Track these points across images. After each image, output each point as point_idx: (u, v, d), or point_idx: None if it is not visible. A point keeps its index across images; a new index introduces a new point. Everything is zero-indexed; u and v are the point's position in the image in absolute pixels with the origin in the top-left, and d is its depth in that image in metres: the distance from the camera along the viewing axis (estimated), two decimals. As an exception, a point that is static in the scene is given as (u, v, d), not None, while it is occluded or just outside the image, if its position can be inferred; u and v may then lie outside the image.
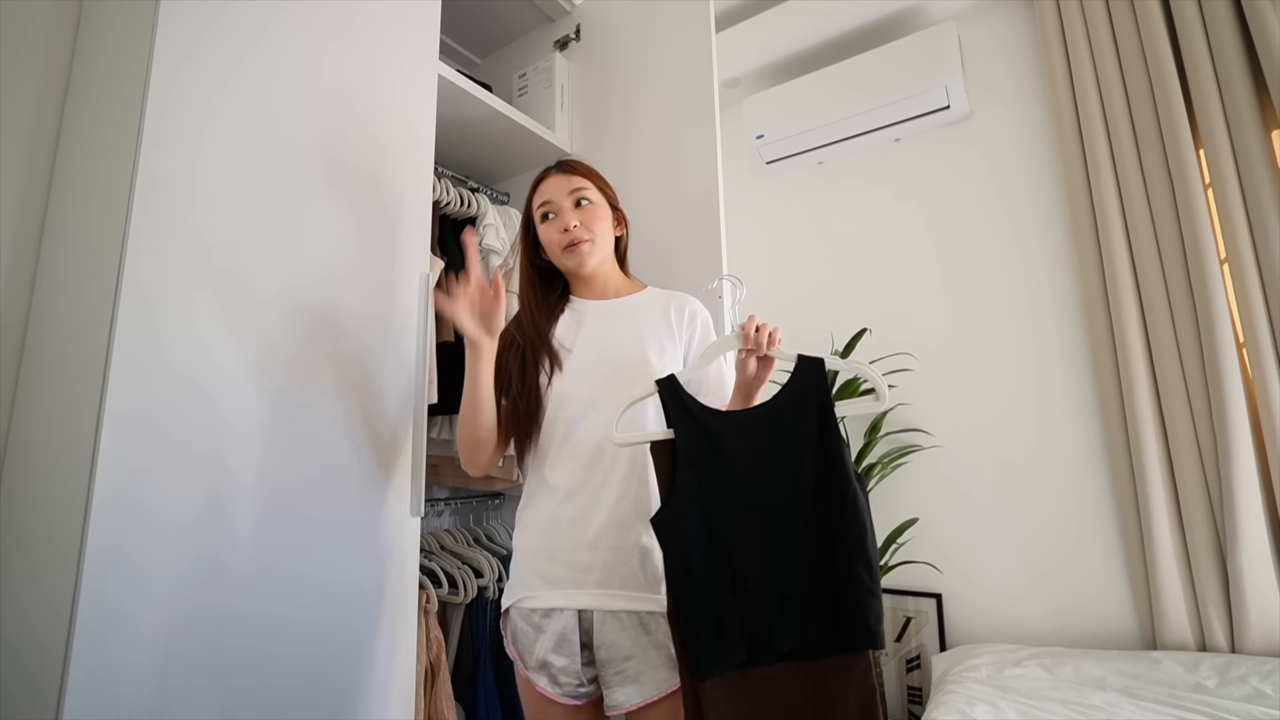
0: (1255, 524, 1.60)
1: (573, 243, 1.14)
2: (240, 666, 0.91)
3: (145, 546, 0.84)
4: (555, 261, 1.19)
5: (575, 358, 1.13)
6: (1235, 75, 1.71)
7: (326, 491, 1.05)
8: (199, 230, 0.94)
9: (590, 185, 1.18)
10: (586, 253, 1.15)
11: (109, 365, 0.83)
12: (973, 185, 2.24)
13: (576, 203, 1.15)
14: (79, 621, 0.77)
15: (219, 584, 0.90)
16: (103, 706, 0.78)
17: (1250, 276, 1.66)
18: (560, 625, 1.03)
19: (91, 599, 0.78)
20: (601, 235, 1.17)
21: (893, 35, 2.41)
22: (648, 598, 1.03)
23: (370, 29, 1.23)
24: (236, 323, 0.97)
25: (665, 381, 1.00)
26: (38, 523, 0.88)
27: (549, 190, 1.17)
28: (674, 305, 1.19)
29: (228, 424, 0.94)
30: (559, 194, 1.16)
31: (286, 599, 0.97)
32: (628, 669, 1.01)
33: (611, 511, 1.05)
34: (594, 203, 1.17)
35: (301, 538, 1.00)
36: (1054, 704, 1.39)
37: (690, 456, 0.96)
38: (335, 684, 1.01)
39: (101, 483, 0.81)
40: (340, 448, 1.08)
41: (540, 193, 1.18)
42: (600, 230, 1.16)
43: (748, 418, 1.00)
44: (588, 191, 1.17)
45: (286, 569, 0.97)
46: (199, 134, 0.96)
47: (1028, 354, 2.07)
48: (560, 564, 1.05)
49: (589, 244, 1.14)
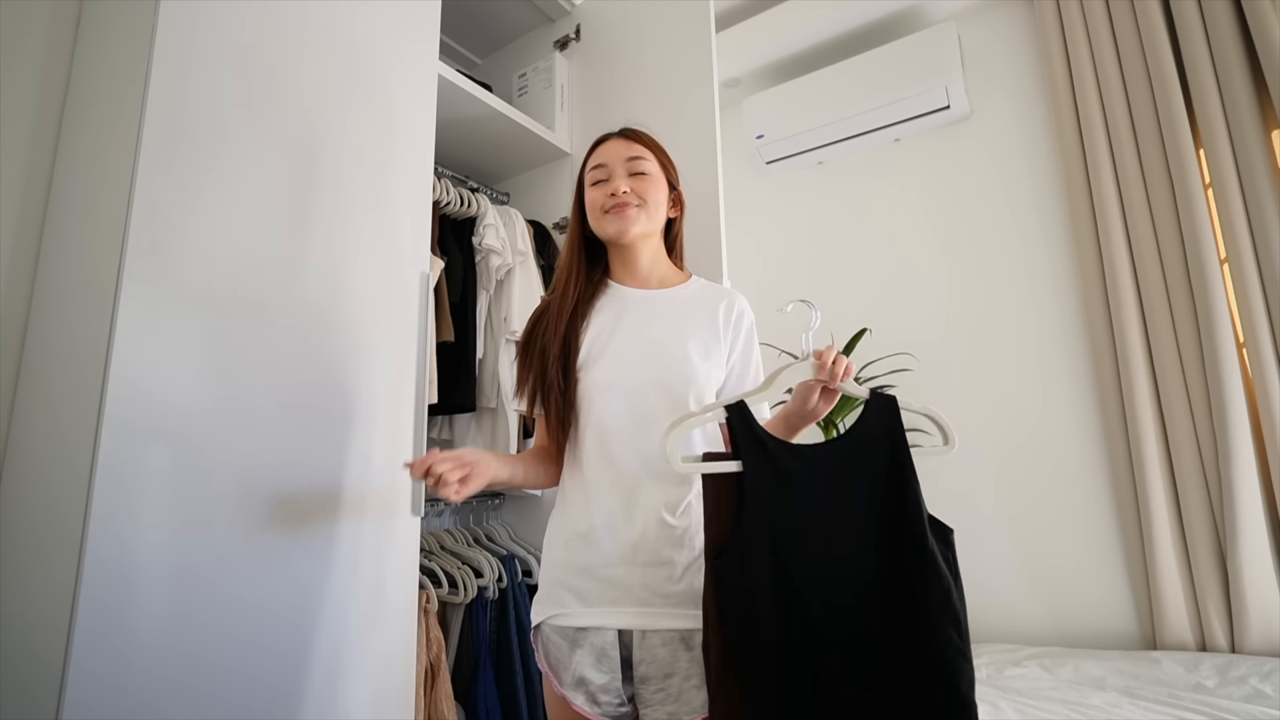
0: (1255, 524, 1.60)
1: (618, 205, 1.02)
2: (240, 666, 0.90)
3: (145, 546, 0.84)
4: (595, 228, 1.06)
5: (612, 352, 1.02)
6: (1235, 75, 1.71)
7: (326, 490, 1.05)
8: (199, 230, 0.94)
9: (651, 157, 1.06)
10: (631, 217, 1.02)
11: (109, 366, 0.83)
12: (973, 185, 2.24)
13: (632, 171, 1.04)
14: (79, 621, 0.77)
15: (219, 584, 0.90)
16: (102, 706, 0.78)
17: (1250, 276, 1.66)
18: (600, 642, 0.95)
19: (91, 599, 0.78)
20: (653, 206, 1.05)
21: (893, 35, 2.41)
22: (691, 614, 0.93)
23: (370, 29, 1.23)
24: (237, 322, 0.97)
25: (736, 408, 0.89)
26: (38, 523, 0.88)
27: (605, 153, 1.07)
28: (723, 304, 1.09)
29: (227, 424, 0.94)
30: (615, 159, 1.05)
31: (287, 598, 0.97)
32: (669, 686, 0.93)
33: (649, 524, 0.96)
34: (650, 175, 1.05)
35: (302, 537, 1.00)
36: (1054, 704, 1.39)
37: (763, 497, 0.84)
38: (335, 683, 1.01)
39: (101, 483, 0.81)
40: (340, 447, 1.07)
41: (595, 156, 1.08)
42: (653, 200, 1.04)
43: (823, 455, 0.88)
44: (647, 162, 1.05)
45: (287, 568, 0.97)
46: (199, 134, 0.96)
47: (1027, 354, 2.07)
48: (594, 579, 0.96)
49: (636, 209, 1.02)
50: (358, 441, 1.10)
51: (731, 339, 1.08)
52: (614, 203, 1.02)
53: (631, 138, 1.08)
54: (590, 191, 1.06)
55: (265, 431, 0.98)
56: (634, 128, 1.11)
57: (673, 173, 1.11)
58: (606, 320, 1.05)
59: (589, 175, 1.08)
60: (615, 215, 1.02)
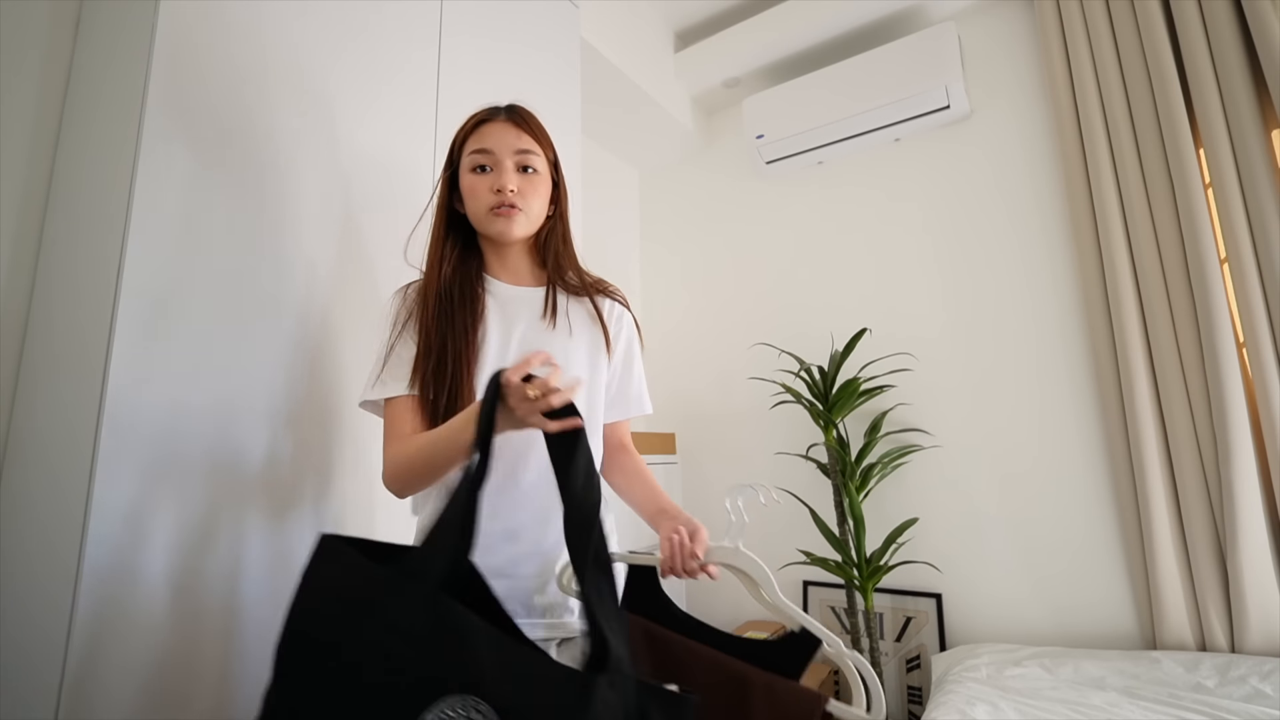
0: (1255, 524, 1.60)
1: (504, 205, 0.94)
2: (239, 666, 0.91)
3: (144, 547, 0.84)
4: (474, 221, 0.97)
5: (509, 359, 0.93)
6: (1235, 75, 1.71)
7: (326, 487, 1.05)
8: (199, 230, 0.94)
9: (540, 152, 0.97)
10: (517, 222, 0.95)
11: (109, 366, 0.83)
12: (973, 185, 2.24)
13: (521, 167, 0.96)
14: (78, 621, 0.77)
15: (218, 583, 0.90)
16: (102, 706, 0.78)
17: (1250, 276, 1.66)
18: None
19: (91, 599, 0.78)
20: (536, 212, 0.98)
21: (893, 35, 2.41)
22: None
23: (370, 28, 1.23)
24: (237, 322, 0.97)
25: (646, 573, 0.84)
26: (38, 523, 0.88)
27: (491, 138, 0.96)
28: (606, 306, 1.03)
29: (227, 423, 0.94)
30: (503, 148, 0.95)
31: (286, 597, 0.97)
32: None
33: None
34: (539, 173, 0.97)
35: (301, 536, 1.00)
36: (1054, 704, 1.39)
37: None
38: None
39: (101, 483, 0.81)
40: (342, 445, 1.07)
41: (479, 138, 0.96)
42: (537, 207, 0.97)
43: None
44: (535, 159, 0.96)
45: (287, 567, 0.97)
46: (199, 134, 0.96)
47: (1028, 353, 2.07)
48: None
49: (521, 215, 0.95)
50: (360, 440, 1.10)
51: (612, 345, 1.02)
52: (498, 200, 0.94)
53: (521, 124, 0.97)
54: (470, 178, 0.96)
55: (266, 430, 0.98)
56: (522, 109, 0.99)
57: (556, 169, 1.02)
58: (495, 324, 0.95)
59: (468, 158, 0.96)
60: (499, 217, 0.94)
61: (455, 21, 1.43)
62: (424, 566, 0.61)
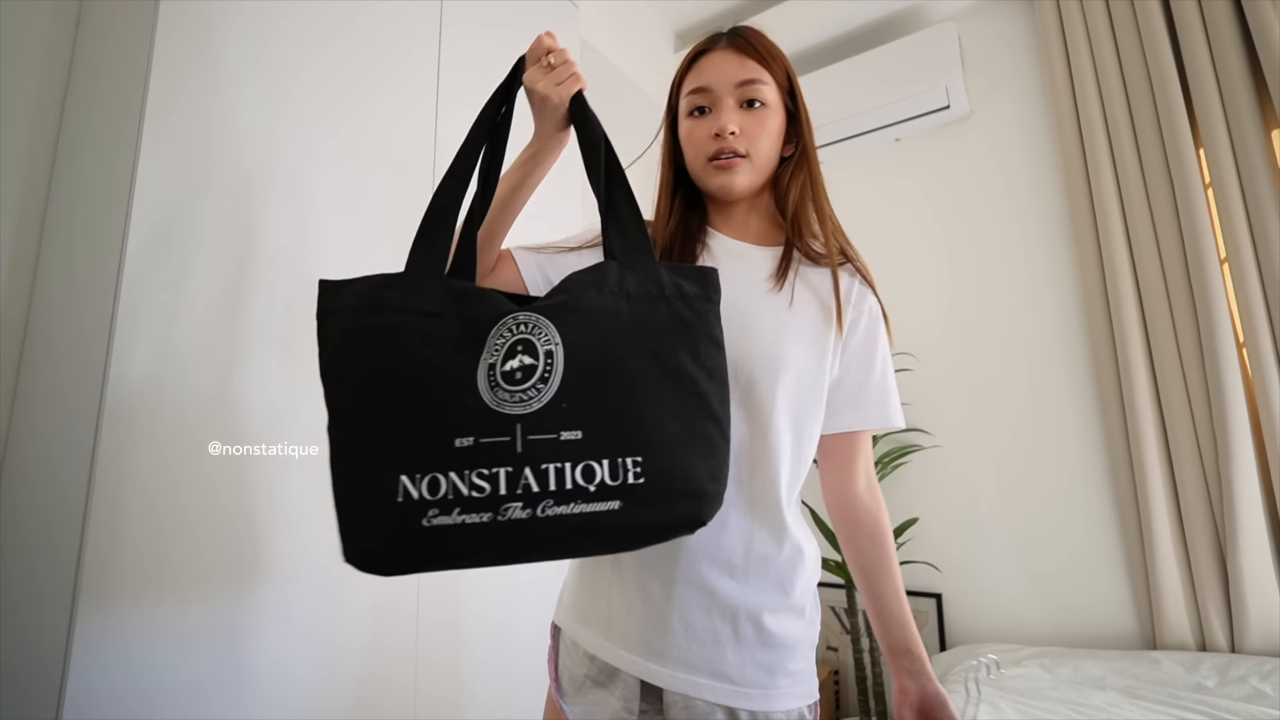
0: (1255, 524, 1.60)
1: (723, 154, 0.79)
2: (239, 666, 0.91)
3: (145, 547, 0.84)
4: (694, 175, 0.84)
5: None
6: (1235, 75, 1.71)
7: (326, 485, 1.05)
8: (198, 230, 0.94)
9: (769, 80, 0.81)
10: (741, 173, 0.79)
11: (109, 365, 0.83)
12: (973, 185, 2.24)
13: (745, 102, 0.80)
14: (79, 621, 0.77)
15: (218, 583, 0.90)
16: (102, 706, 0.78)
17: (1250, 276, 1.66)
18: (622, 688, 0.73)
19: (91, 599, 0.78)
20: (765, 155, 0.81)
21: (893, 35, 2.41)
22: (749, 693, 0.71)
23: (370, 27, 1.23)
24: (237, 322, 0.97)
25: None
26: (38, 523, 0.88)
27: (710, 72, 0.81)
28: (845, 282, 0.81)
29: (227, 423, 0.94)
30: (722, 83, 0.80)
31: (287, 594, 0.97)
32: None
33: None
34: (767, 106, 0.80)
35: (305, 535, 1.00)
36: (1054, 704, 1.39)
37: None
38: (335, 682, 1.01)
39: (101, 483, 0.81)
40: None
41: (697, 73, 0.82)
42: (765, 148, 0.81)
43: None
44: (763, 89, 0.80)
45: (289, 567, 0.97)
46: (199, 134, 0.96)
47: (1028, 354, 2.07)
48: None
49: (746, 163, 0.79)
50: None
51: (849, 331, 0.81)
52: (717, 148, 0.79)
53: (745, 50, 0.82)
54: (688, 124, 0.82)
55: (266, 429, 0.98)
56: (747, 29, 0.84)
57: (795, 97, 0.84)
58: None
59: (685, 99, 0.83)
60: (719, 170, 0.79)
61: (455, 21, 1.43)
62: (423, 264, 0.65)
